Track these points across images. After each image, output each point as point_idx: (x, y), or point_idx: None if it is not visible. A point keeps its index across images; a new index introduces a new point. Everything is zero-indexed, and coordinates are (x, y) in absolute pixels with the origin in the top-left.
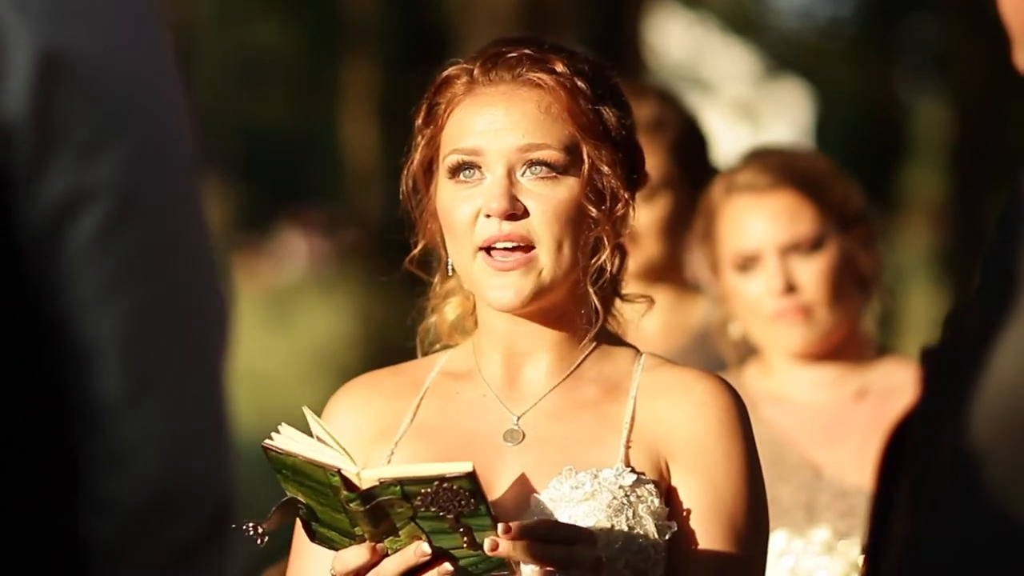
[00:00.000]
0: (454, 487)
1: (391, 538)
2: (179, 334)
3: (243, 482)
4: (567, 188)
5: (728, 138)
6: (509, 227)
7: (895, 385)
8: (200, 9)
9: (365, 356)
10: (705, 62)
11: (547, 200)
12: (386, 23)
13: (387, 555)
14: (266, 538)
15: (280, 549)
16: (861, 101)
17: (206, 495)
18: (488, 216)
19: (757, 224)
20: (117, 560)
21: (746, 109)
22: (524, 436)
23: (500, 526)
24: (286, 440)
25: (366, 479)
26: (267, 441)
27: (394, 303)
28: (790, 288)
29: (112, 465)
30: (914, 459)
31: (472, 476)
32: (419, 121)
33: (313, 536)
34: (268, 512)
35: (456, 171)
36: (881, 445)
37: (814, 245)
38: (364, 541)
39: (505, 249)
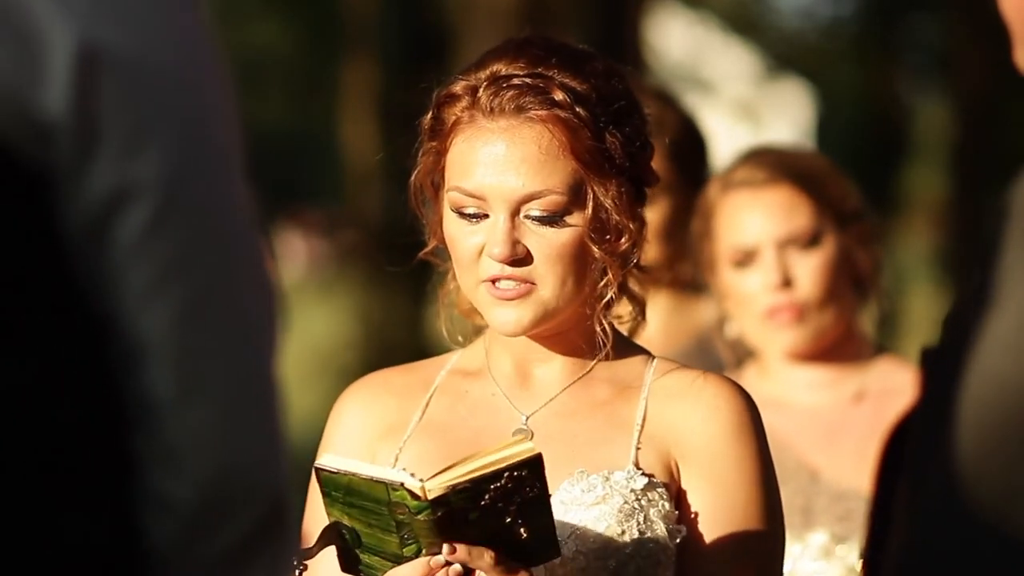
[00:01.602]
0: (523, 474)
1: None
2: (228, 330)
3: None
4: (570, 230)
5: (728, 138)
6: (511, 270)
7: (893, 387)
8: None
9: (364, 357)
10: (706, 62)
11: (549, 244)
12: (386, 23)
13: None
14: (306, 567)
15: None
16: (862, 101)
17: (260, 492)
18: (491, 258)
19: (754, 219)
20: (173, 559)
21: (747, 109)
22: (533, 436)
23: (445, 547)
24: (339, 460)
25: (432, 489)
26: (320, 462)
27: (393, 304)
28: (786, 283)
29: (165, 463)
30: (913, 461)
31: (539, 457)
32: (425, 129)
33: (350, 565)
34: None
35: (460, 208)
36: (880, 447)
37: (811, 240)
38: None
39: (508, 279)
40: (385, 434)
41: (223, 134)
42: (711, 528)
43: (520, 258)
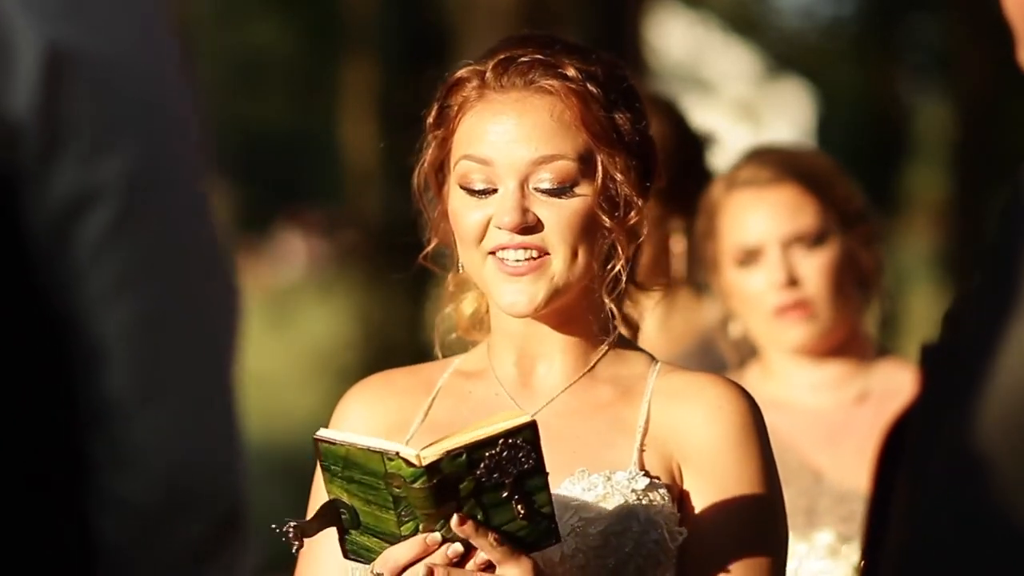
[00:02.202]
0: (518, 442)
1: (447, 527)
2: (188, 334)
3: (247, 482)
4: (580, 199)
5: (729, 138)
6: (520, 239)
7: (895, 388)
8: (199, 9)
9: (364, 357)
10: (706, 62)
11: (561, 212)
12: (386, 23)
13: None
14: (303, 543)
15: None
16: (863, 101)
17: (216, 496)
18: (500, 228)
19: (759, 218)
20: (126, 561)
21: (747, 109)
22: None
23: (454, 518)
24: (337, 432)
25: (427, 455)
26: (319, 433)
27: (393, 304)
28: (792, 282)
29: (121, 466)
30: (913, 458)
31: (534, 425)
32: (430, 121)
33: (346, 550)
34: (285, 513)
35: (468, 182)
36: (878, 444)
37: (816, 240)
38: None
39: (517, 248)
40: (388, 435)
41: (188, 138)
42: (714, 530)
43: (530, 226)
